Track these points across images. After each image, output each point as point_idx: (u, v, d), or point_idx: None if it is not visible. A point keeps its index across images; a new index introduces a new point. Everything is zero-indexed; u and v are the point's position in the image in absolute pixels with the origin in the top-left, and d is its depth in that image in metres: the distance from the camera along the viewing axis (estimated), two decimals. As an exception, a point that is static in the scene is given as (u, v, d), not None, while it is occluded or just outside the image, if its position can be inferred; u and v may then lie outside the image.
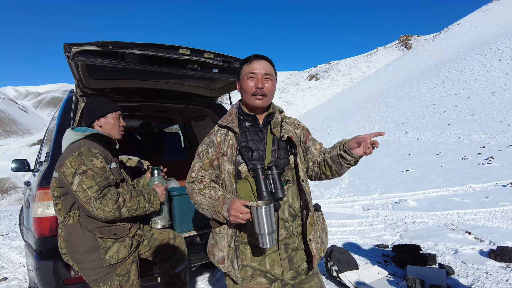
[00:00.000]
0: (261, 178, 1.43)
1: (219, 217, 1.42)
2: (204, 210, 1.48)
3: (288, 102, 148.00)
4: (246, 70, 1.54)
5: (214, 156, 1.54)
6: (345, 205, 6.46)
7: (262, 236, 1.32)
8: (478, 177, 6.77)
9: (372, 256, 3.61)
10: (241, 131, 1.57)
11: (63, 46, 1.94)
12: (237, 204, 1.34)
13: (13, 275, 4.16)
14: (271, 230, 1.31)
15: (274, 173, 1.46)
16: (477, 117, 14.71)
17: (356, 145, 1.45)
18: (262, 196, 1.42)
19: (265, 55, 1.58)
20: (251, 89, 1.51)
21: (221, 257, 1.48)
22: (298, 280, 1.56)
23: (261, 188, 1.43)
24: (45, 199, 2.18)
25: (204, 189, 1.48)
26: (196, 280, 3.43)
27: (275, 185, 1.45)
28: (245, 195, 1.47)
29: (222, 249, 1.49)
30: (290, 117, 1.74)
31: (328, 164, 1.58)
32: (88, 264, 1.82)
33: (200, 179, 1.54)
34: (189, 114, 4.31)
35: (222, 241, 1.50)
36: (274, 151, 1.56)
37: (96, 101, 2.08)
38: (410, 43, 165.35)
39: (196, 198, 1.50)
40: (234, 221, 1.35)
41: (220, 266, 1.49)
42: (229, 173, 1.49)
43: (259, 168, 1.44)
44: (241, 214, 1.32)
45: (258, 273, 1.51)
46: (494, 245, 3.42)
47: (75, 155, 1.78)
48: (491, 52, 30.27)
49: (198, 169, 1.55)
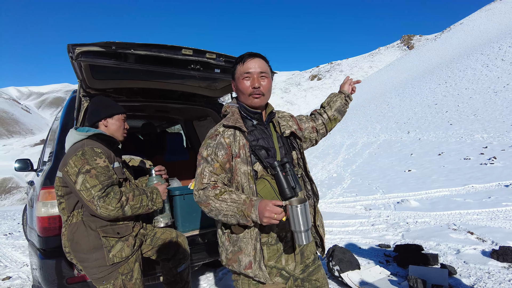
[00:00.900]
0: (282, 175, 1.42)
1: (248, 221, 1.34)
2: (226, 216, 1.37)
3: (290, 102, 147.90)
4: (240, 70, 1.50)
5: (225, 158, 1.45)
6: (347, 205, 6.46)
7: (299, 233, 1.31)
8: (480, 177, 6.75)
9: (374, 256, 3.61)
10: (249, 130, 1.54)
11: (67, 47, 1.95)
12: (270, 205, 1.29)
13: (17, 274, 4.19)
14: (307, 227, 1.31)
15: (290, 168, 1.46)
16: (479, 117, 14.65)
17: (346, 87, 1.94)
18: (285, 193, 1.41)
19: (259, 53, 1.55)
20: (248, 89, 1.48)
21: (248, 262, 1.42)
22: (307, 273, 1.59)
23: (283, 185, 1.41)
24: (49, 199, 2.20)
25: (221, 194, 1.38)
26: (198, 279, 3.44)
27: (294, 181, 1.45)
28: (267, 195, 1.43)
29: (248, 254, 1.42)
30: (280, 111, 1.74)
31: (335, 118, 1.89)
32: (92, 262, 1.84)
33: (213, 185, 1.43)
34: (191, 114, 4.32)
35: (248, 245, 1.43)
36: (281, 147, 1.57)
37: (103, 101, 2.10)
38: (412, 43, 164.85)
39: (214, 204, 1.38)
40: (268, 222, 1.30)
41: (248, 272, 1.42)
42: (246, 175, 1.43)
43: (277, 165, 1.42)
44: (276, 215, 1.28)
45: (274, 272, 1.50)
46: (496, 245, 3.41)
47: (79, 154, 1.80)
48: (494, 52, 30.12)
49: (210, 174, 1.44)
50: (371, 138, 17.98)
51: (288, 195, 1.40)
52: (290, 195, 1.41)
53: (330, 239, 4.41)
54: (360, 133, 20.90)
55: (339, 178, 9.95)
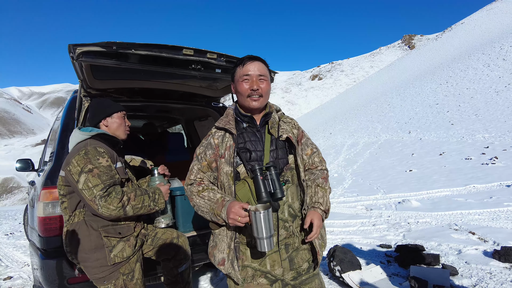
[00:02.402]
0: (260, 179, 1.43)
1: (218, 219, 1.43)
2: (203, 212, 1.48)
3: (291, 102, 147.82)
4: (240, 73, 1.53)
5: (212, 158, 1.54)
6: (348, 205, 6.45)
7: (260, 240, 1.32)
8: (482, 177, 6.73)
9: (375, 256, 3.60)
10: (239, 133, 1.57)
11: (68, 47, 1.95)
12: (235, 207, 1.34)
13: (18, 274, 4.20)
14: (269, 234, 1.31)
15: (273, 173, 1.45)
16: (481, 117, 14.61)
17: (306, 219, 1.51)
18: (261, 197, 1.41)
19: (259, 56, 1.57)
20: (246, 91, 1.51)
21: (221, 259, 1.49)
22: (299, 281, 1.56)
23: (260, 189, 1.42)
24: (50, 199, 2.20)
25: (202, 191, 1.49)
26: (199, 280, 3.44)
27: (273, 186, 1.44)
28: (244, 196, 1.46)
29: (222, 250, 1.50)
30: (288, 117, 1.73)
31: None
32: (93, 262, 1.84)
33: (198, 181, 1.54)
34: (192, 114, 4.32)
35: (222, 242, 1.51)
36: (273, 151, 1.56)
37: (101, 102, 2.12)
38: (413, 42, 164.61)
39: (195, 200, 1.50)
40: (233, 224, 1.36)
41: (221, 268, 1.49)
42: (227, 175, 1.49)
43: (257, 169, 1.43)
44: (239, 218, 1.33)
45: (258, 274, 1.51)
46: (498, 245, 3.40)
47: (82, 154, 1.81)
48: (495, 52, 30.05)
49: (197, 171, 1.55)
50: (372, 138, 17.96)
51: (264, 199, 1.41)
52: (266, 199, 1.41)
53: (331, 239, 4.40)
54: (361, 133, 20.88)
55: (340, 178, 9.94)
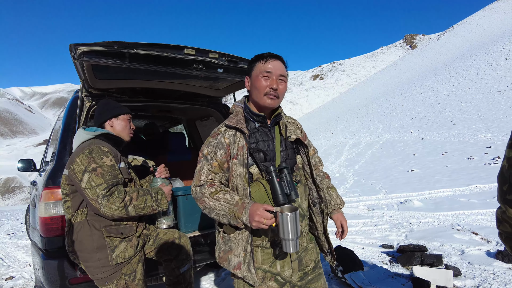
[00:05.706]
0: (276, 181, 1.39)
1: (238, 222, 1.36)
2: (218, 215, 1.40)
3: (292, 101, 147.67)
4: (260, 68, 1.47)
5: (224, 158, 1.46)
6: (350, 205, 6.43)
7: (287, 241, 1.30)
8: (484, 177, 6.70)
9: (377, 256, 3.59)
10: (250, 132, 1.52)
11: (69, 47, 1.95)
12: (260, 210, 1.29)
13: (20, 274, 4.20)
14: (296, 236, 1.29)
15: (287, 174, 1.43)
16: (483, 116, 14.57)
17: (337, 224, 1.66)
18: (278, 199, 1.39)
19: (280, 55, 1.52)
20: (265, 88, 1.45)
21: (237, 263, 1.43)
22: (305, 281, 1.55)
23: (277, 191, 1.39)
24: (51, 199, 2.19)
25: (216, 193, 1.41)
26: (200, 280, 3.43)
27: (290, 187, 1.42)
28: (260, 198, 1.43)
29: (238, 254, 1.44)
30: (290, 117, 1.72)
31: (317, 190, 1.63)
32: (95, 262, 1.84)
33: (210, 183, 1.46)
34: (194, 114, 4.31)
35: (238, 246, 1.44)
36: (283, 151, 1.55)
37: (108, 103, 2.14)
38: (415, 42, 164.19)
39: (208, 202, 1.42)
40: (257, 226, 1.30)
41: (236, 272, 1.44)
42: (241, 177, 1.43)
43: (273, 170, 1.40)
44: (265, 220, 1.28)
45: (268, 276, 1.48)
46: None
47: (86, 153, 1.82)
48: (497, 51, 29.97)
49: (207, 172, 1.47)
50: (374, 138, 17.94)
51: (281, 202, 1.38)
52: (283, 201, 1.39)
53: (333, 240, 4.38)
54: (362, 133, 20.85)
55: (342, 178, 9.92)
